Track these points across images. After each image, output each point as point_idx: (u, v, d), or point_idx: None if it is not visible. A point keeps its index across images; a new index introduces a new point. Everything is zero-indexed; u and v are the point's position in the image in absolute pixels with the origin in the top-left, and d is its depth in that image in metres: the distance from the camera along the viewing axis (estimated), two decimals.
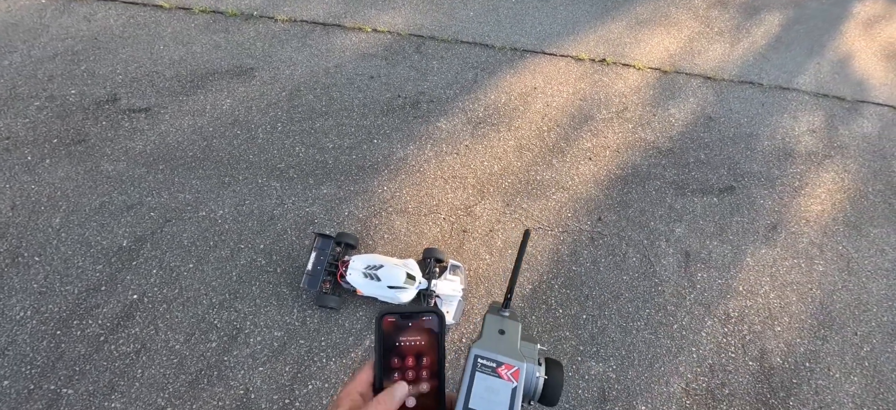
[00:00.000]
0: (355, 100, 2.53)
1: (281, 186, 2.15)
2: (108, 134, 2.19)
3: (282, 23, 2.82)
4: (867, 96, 3.22)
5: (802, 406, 1.92)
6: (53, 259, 1.84)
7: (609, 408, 1.82)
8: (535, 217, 2.25)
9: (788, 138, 2.86)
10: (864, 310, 2.22)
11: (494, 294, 2.01)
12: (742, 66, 3.25)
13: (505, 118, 2.62)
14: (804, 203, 2.57)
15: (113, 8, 2.69)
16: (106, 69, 2.42)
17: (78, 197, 1.99)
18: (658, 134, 2.73)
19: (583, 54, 3.06)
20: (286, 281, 1.90)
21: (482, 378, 0.56)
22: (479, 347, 0.58)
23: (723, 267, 2.25)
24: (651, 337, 2.00)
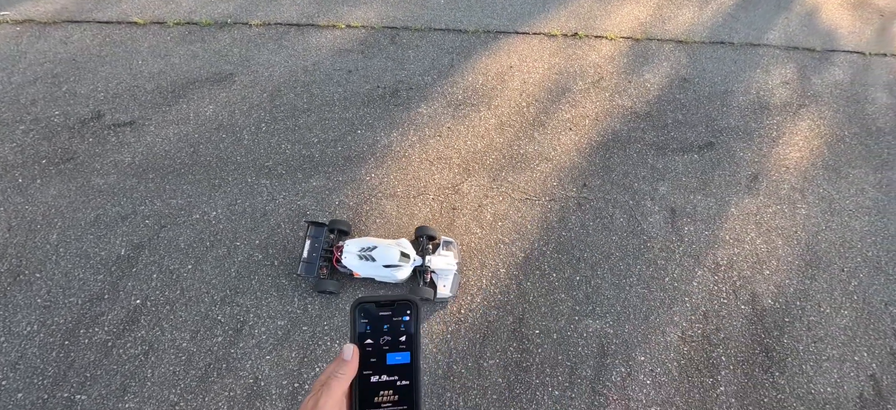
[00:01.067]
0: (336, 95, 2.61)
1: (271, 183, 2.22)
2: (95, 150, 2.26)
3: (256, 27, 2.90)
4: (836, 45, 3.35)
5: (796, 342, 2.03)
6: (54, 273, 1.90)
7: (609, 362, 1.91)
8: (521, 188, 2.35)
9: (763, 92, 2.98)
10: (848, 248, 2.34)
11: (488, 266, 2.10)
12: (712, 27, 3.37)
13: (484, 98, 2.71)
14: (783, 151, 2.68)
15: (88, 29, 2.75)
16: (87, 88, 2.48)
17: (72, 212, 2.06)
18: (635, 99, 2.83)
19: (555, 30, 3.16)
20: (284, 272, 1.98)
21: None
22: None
23: (708, 219, 2.35)
24: (644, 291, 2.10)
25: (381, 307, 0.61)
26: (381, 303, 0.61)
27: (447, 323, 1.93)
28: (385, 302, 0.61)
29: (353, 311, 0.61)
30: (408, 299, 0.61)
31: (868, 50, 3.32)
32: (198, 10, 2.92)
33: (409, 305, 0.61)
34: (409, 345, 0.60)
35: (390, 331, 0.61)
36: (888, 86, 3.12)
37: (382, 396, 0.58)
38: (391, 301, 0.61)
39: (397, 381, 0.59)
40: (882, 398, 1.94)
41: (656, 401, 1.85)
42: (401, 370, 0.60)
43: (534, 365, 1.87)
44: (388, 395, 0.58)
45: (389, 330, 0.61)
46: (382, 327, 0.61)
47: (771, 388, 1.92)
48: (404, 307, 0.61)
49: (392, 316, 0.61)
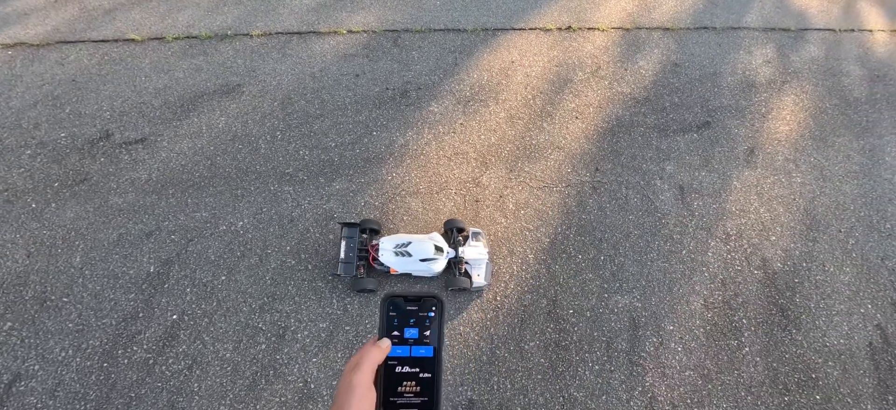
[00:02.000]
0: (347, 99, 2.62)
1: (294, 189, 2.22)
2: (109, 169, 2.20)
3: (258, 38, 2.88)
4: (808, 24, 3.56)
5: (807, 300, 2.15)
6: (83, 296, 1.85)
7: (641, 334, 1.98)
8: (538, 177, 2.41)
9: (748, 71, 3.14)
10: (843, 210, 2.49)
11: (516, 253, 2.15)
12: (694, 14, 3.53)
13: (491, 93, 2.77)
14: (773, 125, 2.83)
15: (84, 48, 2.67)
16: (91, 108, 2.42)
17: (93, 233, 2.00)
18: (633, 86, 2.94)
19: (550, 24, 3.25)
20: (320, 275, 1.98)
21: None
22: None
23: (714, 193, 2.47)
24: (665, 265, 2.19)
25: (408, 302, 0.65)
26: (409, 298, 0.65)
27: (485, 311, 1.97)
28: (412, 297, 0.65)
29: (383, 304, 0.65)
30: (434, 296, 0.65)
31: (838, 26, 3.54)
32: (196, 24, 2.88)
33: (434, 301, 0.65)
34: (433, 340, 0.64)
35: (416, 325, 0.65)
36: (859, 58, 3.33)
37: (405, 386, 0.62)
38: (419, 296, 0.65)
39: (419, 373, 0.63)
40: (889, 344, 2.08)
41: (688, 366, 1.94)
42: (424, 363, 0.63)
43: (572, 343, 1.93)
44: (411, 386, 0.62)
45: (415, 323, 0.65)
46: (409, 321, 0.65)
47: (790, 344, 2.03)
48: (430, 303, 0.65)
49: (418, 311, 0.65)
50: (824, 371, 1.97)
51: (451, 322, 1.94)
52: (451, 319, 1.94)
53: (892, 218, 2.48)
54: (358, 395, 0.57)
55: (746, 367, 1.95)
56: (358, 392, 0.57)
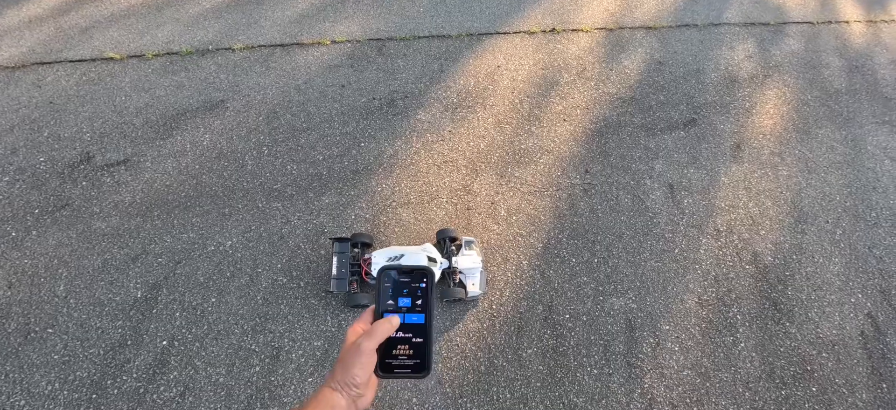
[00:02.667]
0: (333, 111, 2.58)
1: (283, 205, 2.18)
2: (91, 193, 2.14)
3: (240, 51, 2.83)
4: (787, 18, 3.61)
5: (799, 292, 2.17)
6: (68, 326, 1.79)
7: (638, 335, 1.98)
8: (528, 182, 2.40)
9: (730, 67, 3.17)
10: (829, 201, 2.52)
11: (510, 260, 2.13)
12: (675, 12, 3.55)
13: (478, 99, 2.75)
14: (758, 120, 2.86)
15: (61, 69, 2.60)
16: (71, 130, 2.35)
17: (77, 260, 1.94)
18: (618, 86, 2.95)
19: (534, 27, 3.25)
20: (312, 292, 1.94)
21: None
22: None
23: (703, 190, 2.48)
24: (658, 264, 2.19)
25: (402, 274, 0.72)
26: (403, 271, 0.73)
27: (481, 320, 1.95)
28: (406, 269, 0.73)
29: (379, 276, 0.72)
30: (424, 268, 0.73)
31: (815, 19, 3.59)
32: (175, 40, 2.82)
33: (425, 273, 0.73)
34: (424, 308, 0.72)
35: (409, 295, 0.72)
36: (837, 50, 3.38)
37: (400, 350, 0.69)
38: (411, 269, 0.73)
39: (412, 338, 0.70)
40: (880, 332, 2.10)
41: (686, 366, 1.93)
42: (416, 329, 0.71)
43: (570, 349, 1.91)
44: (405, 350, 0.69)
45: (408, 293, 0.72)
46: (403, 291, 0.72)
47: (785, 337, 2.04)
48: (421, 275, 0.72)
49: (411, 282, 0.72)
50: (819, 363, 1.98)
51: (448, 333, 1.91)
52: (447, 330, 1.92)
53: (877, 207, 2.51)
54: (364, 360, 0.65)
55: (743, 363, 1.96)
56: (364, 358, 0.65)
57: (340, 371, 0.65)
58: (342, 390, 0.65)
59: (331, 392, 0.65)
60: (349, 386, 0.64)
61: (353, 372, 0.64)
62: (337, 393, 0.65)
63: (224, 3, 3.14)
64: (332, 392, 0.65)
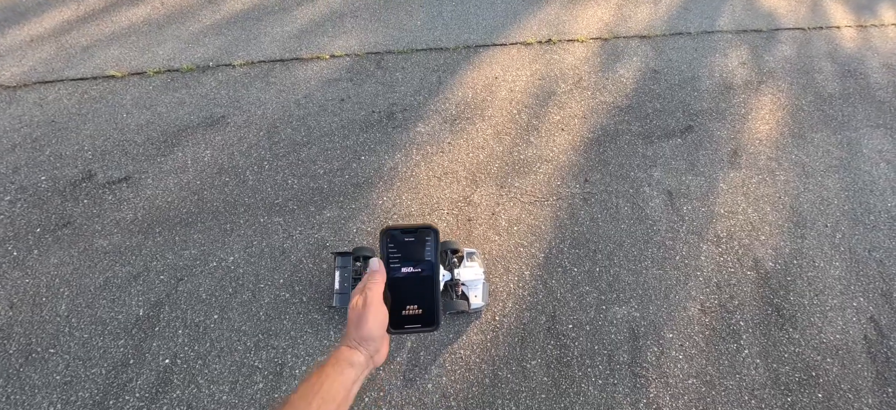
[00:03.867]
0: (333, 125, 2.56)
1: (284, 220, 2.15)
2: (92, 211, 2.11)
3: (240, 67, 2.81)
4: (779, 24, 3.61)
5: (801, 297, 2.14)
6: (70, 346, 1.75)
7: (641, 344, 1.94)
8: (528, 192, 2.37)
9: (725, 74, 3.16)
10: (827, 204, 2.49)
11: (512, 270, 2.10)
12: (669, 21, 3.55)
13: (477, 110, 2.73)
14: (754, 126, 2.84)
15: (63, 88, 2.58)
16: (72, 148, 2.32)
17: (79, 279, 1.91)
18: (615, 95, 2.94)
19: (530, 39, 3.24)
20: (315, 307, 1.91)
21: None
22: None
23: (702, 197, 2.46)
24: (659, 272, 2.16)
25: (405, 233, 0.71)
26: (406, 230, 0.72)
27: (485, 332, 1.92)
28: (409, 229, 0.71)
29: (382, 237, 0.71)
30: (428, 226, 0.72)
31: (806, 25, 3.60)
32: (177, 57, 2.80)
33: (429, 232, 0.72)
34: (431, 264, 0.72)
35: (414, 254, 0.71)
36: (829, 54, 3.38)
37: (409, 309, 0.71)
38: (414, 228, 0.71)
39: (420, 292, 0.71)
40: (884, 335, 2.06)
41: (691, 374, 1.90)
42: (423, 283, 0.71)
43: (574, 359, 1.88)
44: (413, 309, 0.71)
45: (413, 252, 0.71)
46: (408, 250, 0.71)
47: (788, 343, 2.01)
48: (425, 233, 0.72)
49: (415, 242, 0.71)
50: (823, 369, 1.95)
51: (451, 345, 1.88)
52: (450, 343, 1.88)
53: (875, 210, 2.49)
54: (374, 310, 0.65)
55: (747, 370, 1.92)
56: (373, 308, 0.65)
57: (354, 329, 0.65)
58: (359, 346, 0.65)
59: (349, 350, 0.65)
60: (366, 341, 0.65)
61: (368, 326, 0.64)
62: (355, 350, 0.65)
63: (224, 20, 3.13)
64: (351, 349, 0.65)
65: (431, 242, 0.72)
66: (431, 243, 0.72)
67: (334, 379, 0.63)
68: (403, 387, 1.75)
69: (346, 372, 0.64)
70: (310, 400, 0.61)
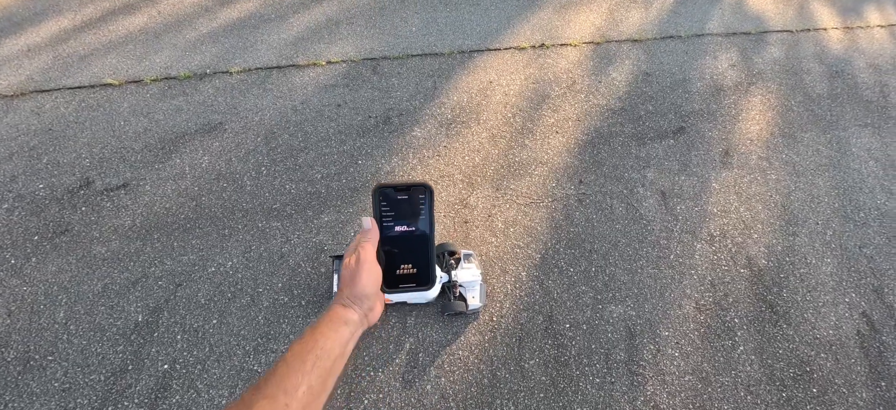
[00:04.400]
0: (330, 130, 2.56)
1: (282, 225, 2.14)
2: (90, 218, 2.09)
3: (237, 74, 2.81)
4: (767, 27, 3.64)
5: (794, 294, 2.15)
6: (68, 353, 1.73)
7: (638, 342, 1.94)
8: (524, 193, 2.38)
9: (715, 75, 3.18)
10: (817, 202, 2.51)
11: (509, 272, 2.10)
12: (660, 24, 3.58)
13: (472, 114, 2.74)
14: (744, 126, 2.86)
15: (60, 96, 2.57)
16: (70, 156, 2.31)
17: (77, 286, 1.89)
18: (608, 97, 2.95)
19: (523, 43, 3.26)
20: (314, 311, 1.90)
21: None
22: None
23: (695, 196, 2.47)
24: (654, 271, 2.16)
25: (399, 191, 0.68)
26: (399, 188, 0.69)
27: (483, 333, 1.91)
28: (402, 186, 0.68)
29: (374, 195, 0.68)
30: (422, 184, 0.69)
31: (794, 27, 3.63)
32: (174, 65, 2.80)
33: (423, 189, 0.69)
34: (425, 223, 0.70)
35: (409, 212, 0.69)
36: (817, 56, 3.41)
37: (403, 268, 0.69)
38: (407, 185, 0.69)
39: (414, 252, 0.69)
40: (876, 331, 2.08)
41: (687, 371, 1.90)
42: (417, 242, 0.69)
43: (571, 358, 1.88)
44: (407, 268, 0.69)
45: (408, 211, 0.69)
46: (401, 209, 0.69)
47: (783, 340, 2.02)
48: (419, 190, 0.69)
49: (408, 200, 0.68)
50: (818, 364, 1.95)
51: (450, 346, 1.87)
52: (448, 344, 1.87)
53: (865, 208, 2.51)
54: (368, 268, 0.63)
55: (743, 366, 1.92)
56: (367, 266, 0.63)
57: (347, 287, 0.64)
58: (353, 304, 0.63)
59: (342, 309, 0.63)
60: (360, 299, 0.63)
61: (362, 283, 0.63)
62: (349, 309, 0.63)
63: (221, 28, 3.13)
64: (344, 308, 0.63)
65: (426, 200, 0.69)
66: (426, 201, 0.69)
67: (328, 337, 0.61)
68: (402, 389, 1.74)
69: (341, 330, 0.62)
70: (304, 358, 0.59)
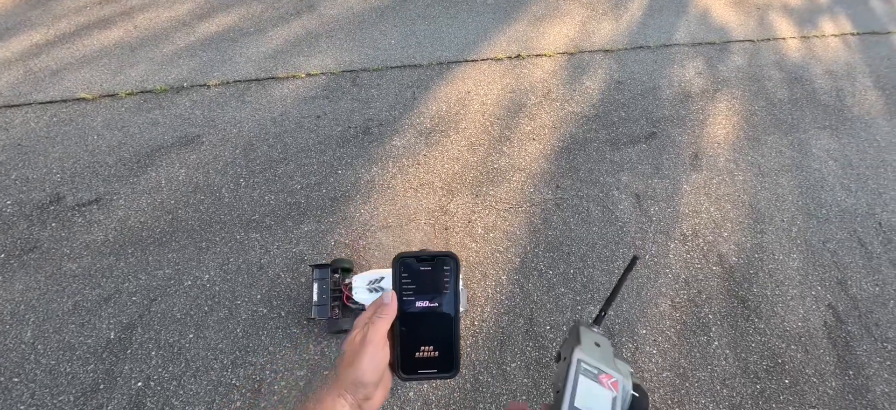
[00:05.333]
0: (310, 141, 2.52)
1: (261, 236, 2.08)
2: (61, 234, 2.00)
3: (215, 87, 2.75)
4: (730, 37, 3.75)
5: (764, 288, 2.18)
6: (35, 373, 1.64)
7: (617, 341, 1.94)
8: (503, 199, 2.37)
9: (683, 83, 3.25)
10: (782, 201, 2.57)
11: (490, 276, 2.08)
12: (629, 36, 3.65)
13: (451, 123, 2.73)
14: (712, 130, 2.92)
15: (30, 111, 2.47)
16: (40, 172, 2.21)
17: (45, 304, 1.80)
18: (582, 105, 2.98)
19: (500, 54, 3.28)
20: (294, 321, 1.84)
21: (585, 382, 0.58)
22: (582, 353, 0.60)
23: (668, 198, 2.50)
24: (631, 271, 2.17)
25: (421, 262, 0.59)
26: (422, 258, 0.59)
27: (464, 337, 1.88)
28: (425, 256, 0.59)
29: (394, 265, 0.59)
30: (447, 253, 0.59)
31: (755, 37, 3.75)
32: (150, 78, 2.72)
33: (447, 260, 0.59)
34: (450, 299, 0.59)
35: (432, 285, 0.59)
36: (777, 63, 3.52)
37: (423, 352, 0.58)
38: (431, 256, 0.59)
39: (437, 332, 0.59)
40: (841, 321, 2.12)
41: (665, 367, 1.90)
42: (441, 322, 0.59)
43: (552, 360, 1.86)
44: (429, 350, 0.58)
45: (431, 284, 0.59)
46: (423, 281, 0.59)
47: (755, 333, 2.04)
48: (443, 261, 0.59)
49: (432, 272, 0.59)
50: (789, 355, 1.98)
51: None
52: None
53: (826, 205, 2.58)
54: (372, 350, 0.54)
55: (718, 361, 1.94)
56: (372, 348, 0.54)
57: (345, 369, 0.53)
58: (345, 392, 0.53)
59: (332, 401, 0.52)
60: (355, 386, 0.53)
61: (362, 368, 0.53)
62: (339, 399, 0.53)
63: (198, 42, 3.07)
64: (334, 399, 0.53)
65: (451, 272, 0.59)
66: (451, 273, 0.59)
67: None
68: None
69: None
70: None
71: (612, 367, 0.59)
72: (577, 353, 0.59)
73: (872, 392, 1.93)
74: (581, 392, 0.57)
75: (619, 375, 0.59)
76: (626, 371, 0.61)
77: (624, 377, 0.59)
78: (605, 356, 0.62)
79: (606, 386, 0.57)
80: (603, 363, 0.59)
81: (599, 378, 0.58)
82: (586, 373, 0.58)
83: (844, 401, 1.89)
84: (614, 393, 0.57)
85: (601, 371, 0.59)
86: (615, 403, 0.56)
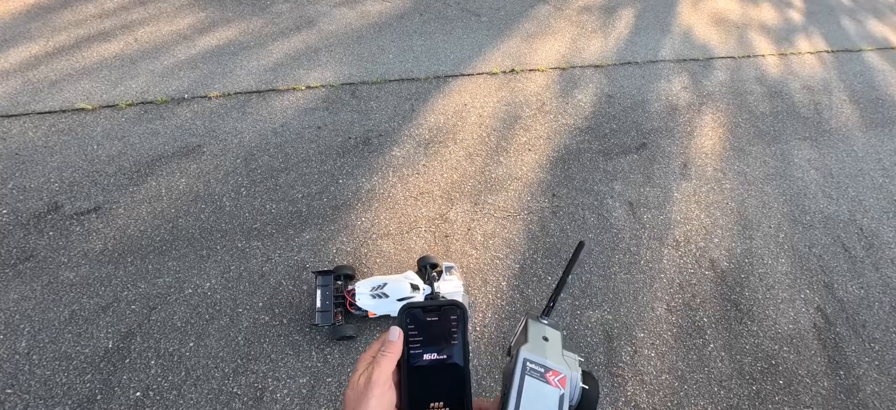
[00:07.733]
0: (310, 151, 2.48)
1: (263, 244, 2.02)
2: (58, 243, 1.92)
3: (216, 99, 2.70)
4: (712, 54, 3.82)
5: (755, 292, 2.18)
6: (30, 385, 1.55)
7: (616, 345, 1.91)
8: (501, 207, 2.35)
9: (670, 97, 3.29)
10: (769, 208, 2.59)
11: (490, 282, 2.05)
12: (618, 52, 3.69)
13: (449, 134, 2.72)
14: (699, 141, 2.95)
15: (28, 121, 2.39)
16: (38, 181, 2.13)
17: (41, 314, 1.71)
18: (575, 117, 2.99)
19: (495, 69, 3.29)
20: (296, 328, 1.78)
21: (531, 382, 0.54)
22: (528, 351, 0.56)
23: (660, 206, 2.50)
24: (627, 276, 2.15)
25: (428, 312, 0.56)
26: (428, 308, 0.56)
27: None
28: (432, 307, 0.56)
29: (401, 315, 0.55)
30: (454, 303, 0.56)
31: (736, 54, 3.83)
32: (150, 90, 2.66)
33: (454, 310, 0.56)
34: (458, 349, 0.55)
35: (440, 336, 0.55)
36: (758, 79, 3.59)
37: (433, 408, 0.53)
38: (438, 306, 0.56)
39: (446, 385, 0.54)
40: (830, 323, 2.12)
41: (663, 370, 1.88)
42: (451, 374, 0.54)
43: None
44: (438, 408, 0.53)
45: (438, 334, 0.55)
46: (431, 332, 0.55)
47: (748, 335, 2.03)
48: (450, 311, 0.56)
49: (439, 322, 0.56)
50: (782, 357, 1.97)
51: None
52: None
53: (810, 211, 2.60)
54: (377, 393, 0.49)
55: (715, 363, 1.92)
56: (377, 390, 0.49)
57: None
58: None
59: None
60: None
61: None
62: None
63: (199, 54, 3.02)
64: None
65: (459, 323, 0.56)
66: (459, 324, 0.56)
67: None
68: None
69: None
70: None
71: (559, 362, 0.56)
72: (523, 353, 0.56)
73: (863, 391, 1.92)
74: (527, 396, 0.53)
75: (567, 370, 0.55)
76: (574, 363, 0.58)
77: (572, 370, 0.56)
78: (554, 350, 0.58)
79: (553, 385, 0.54)
80: (550, 359, 0.56)
81: (546, 376, 0.55)
82: (532, 373, 0.55)
83: (837, 401, 1.88)
84: (561, 390, 0.54)
85: (548, 368, 0.55)
86: (563, 401, 0.53)
